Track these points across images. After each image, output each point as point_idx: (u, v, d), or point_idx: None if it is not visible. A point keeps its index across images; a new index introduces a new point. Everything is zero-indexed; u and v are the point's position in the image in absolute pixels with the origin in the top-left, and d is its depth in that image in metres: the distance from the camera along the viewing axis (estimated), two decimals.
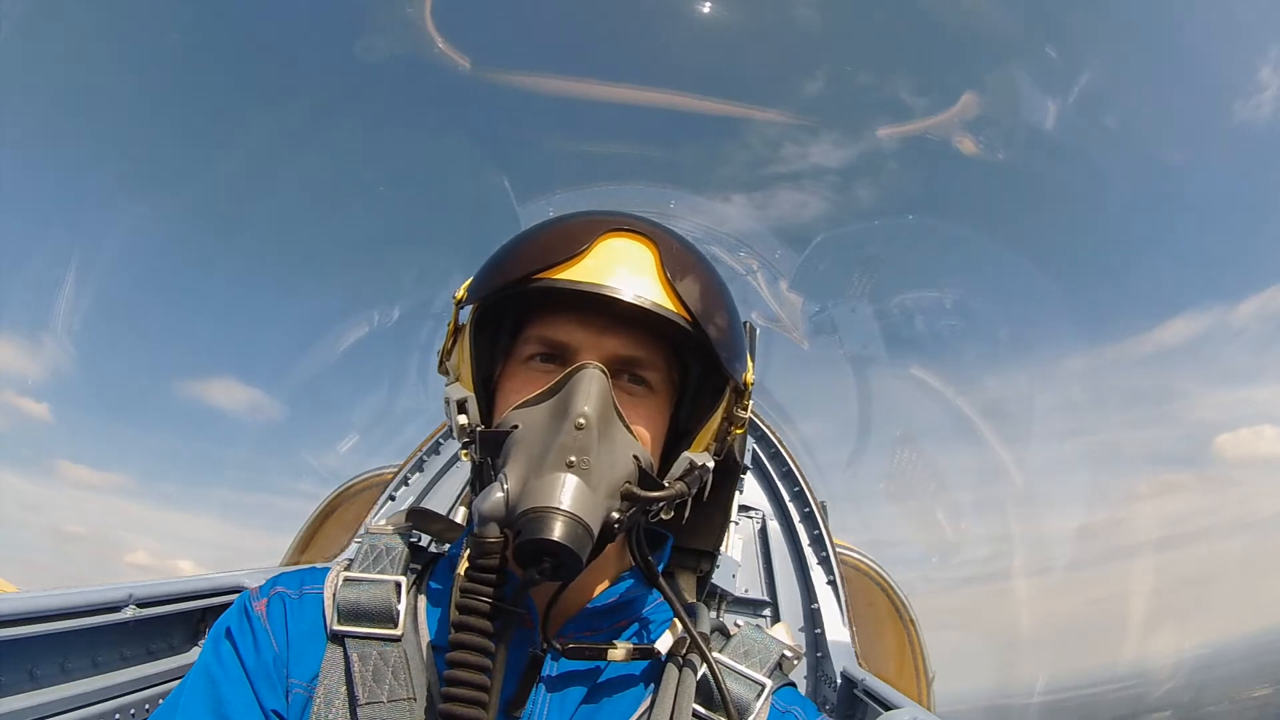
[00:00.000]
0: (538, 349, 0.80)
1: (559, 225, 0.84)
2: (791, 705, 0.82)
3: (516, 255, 0.82)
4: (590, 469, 0.69)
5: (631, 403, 0.78)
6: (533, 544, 0.65)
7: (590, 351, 0.77)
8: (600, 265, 0.78)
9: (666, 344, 0.82)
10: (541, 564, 0.66)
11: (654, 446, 0.81)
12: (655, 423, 0.81)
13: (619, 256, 0.79)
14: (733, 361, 0.82)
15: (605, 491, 0.71)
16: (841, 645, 4.47)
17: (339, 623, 0.76)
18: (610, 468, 0.72)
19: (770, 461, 5.41)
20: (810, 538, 5.09)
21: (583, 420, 0.69)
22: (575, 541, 0.65)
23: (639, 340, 0.79)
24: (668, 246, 0.81)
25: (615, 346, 0.78)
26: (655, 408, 0.81)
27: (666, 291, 0.78)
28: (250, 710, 0.73)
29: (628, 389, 0.79)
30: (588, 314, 0.78)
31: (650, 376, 0.81)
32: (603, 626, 0.81)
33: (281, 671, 0.75)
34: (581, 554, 0.66)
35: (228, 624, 0.79)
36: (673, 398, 0.85)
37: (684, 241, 0.86)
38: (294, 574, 0.84)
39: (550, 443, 0.70)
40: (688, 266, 0.81)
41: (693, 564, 0.99)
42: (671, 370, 0.84)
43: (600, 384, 0.73)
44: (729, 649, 0.83)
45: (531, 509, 0.67)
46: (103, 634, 2.38)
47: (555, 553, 0.65)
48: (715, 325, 0.80)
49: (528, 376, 0.79)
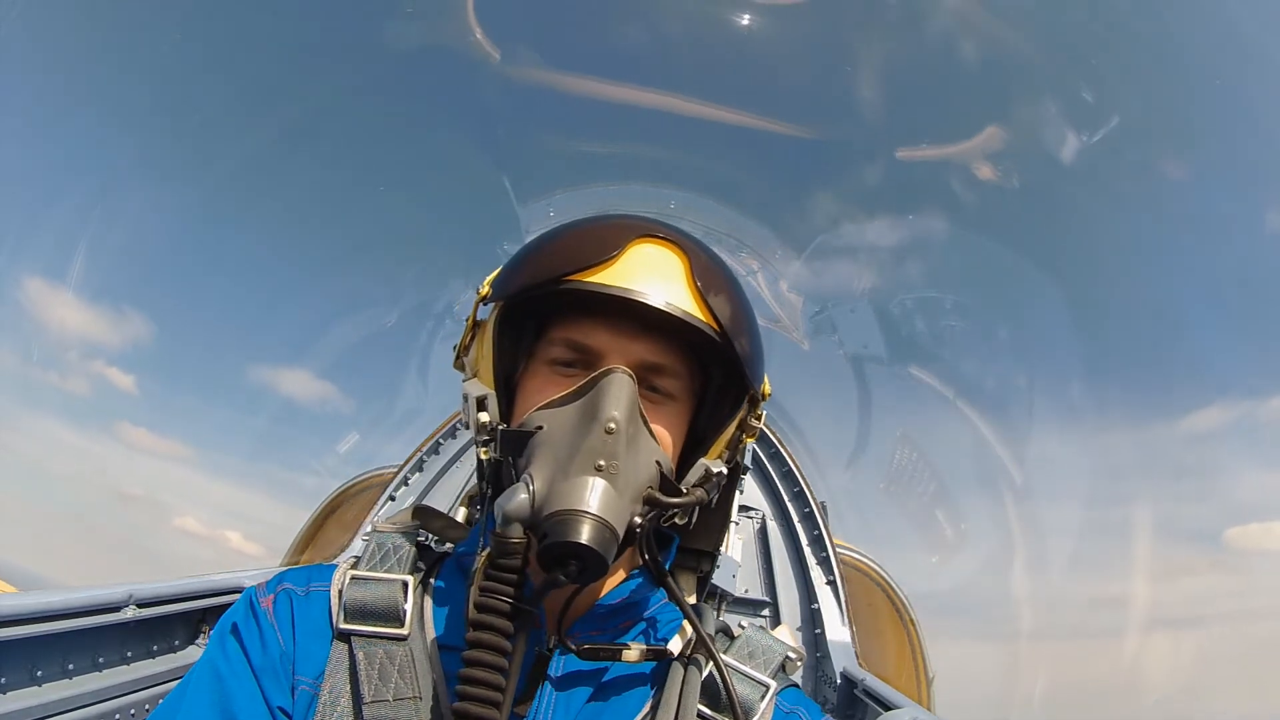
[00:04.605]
0: (563, 351, 0.80)
1: (590, 227, 0.84)
2: (795, 706, 0.83)
3: (547, 255, 0.82)
4: (618, 474, 0.69)
5: (653, 409, 0.78)
6: (560, 547, 0.65)
7: (617, 356, 0.77)
8: (631, 270, 0.78)
9: (690, 352, 0.83)
10: (568, 567, 0.66)
11: (673, 452, 0.81)
12: (675, 429, 0.82)
13: (650, 263, 0.79)
14: (755, 371, 0.83)
15: (630, 496, 0.71)
16: (841, 645, 4.47)
17: (345, 621, 0.76)
18: (636, 473, 0.72)
19: (770, 461, 5.41)
20: (810, 538, 5.10)
21: (613, 425, 0.69)
22: (603, 545, 0.65)
23: (665, 347, 0.80)
24: (697, 257, 0.82)
25: (642, 353, 0.78)
26: (676, 414, 0.82)
27: (696, 300, 0.78)
28: (256, 706, 0.73)
29: (651, 395, 0.79)
30: (616, 319, 0.79)
31: (672, 384, 0.81)
32: (610, 626, 0.81)
33: (287, 668, 0.75)
34: (608, 558, 0.66)
35: (234, 619, 0.79)
36: (692, 405, 0.85)
37: (711, 253, 0.86)
38: (301, 571, 0.84)
39: (578, 445, 0.70)
40: (717, 277, 0.82)
41: (693, 564, 0.98)
42: (693, 378, 0.84)
43: (630, 389, 0.73)
44: (733, 650, 0.84)
45: (559, 511, 0.66)
46: (104, 634, 2.39)
47: (582, 556, 0.65)
48: (742, 337, 0.80)
49: (550, 378, 0.79)
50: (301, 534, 5.78)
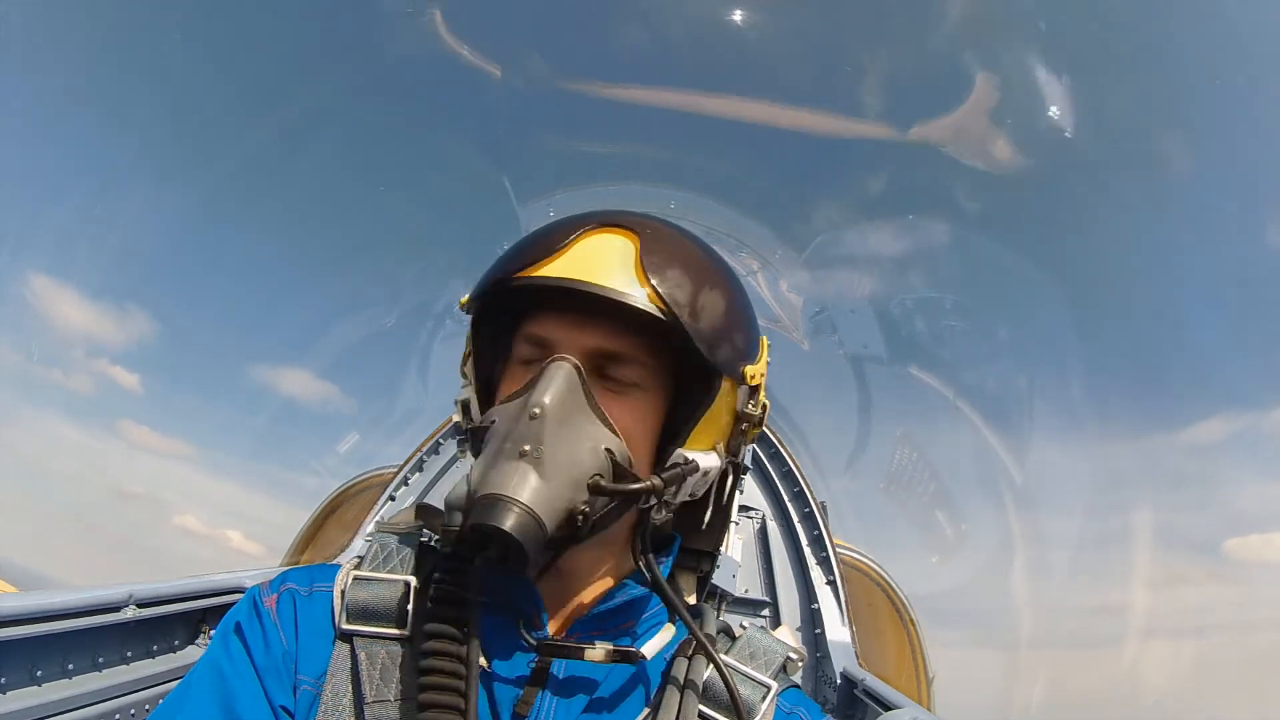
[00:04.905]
0: (526, 348, 0.80)
1: (551, 224, 0.83)
2: (796, 706, 0.83)
3: (507, 257, 0.82)
4: (543, 458, 0.69)
5: (613, 398, 0.77)
6: (475, 529, 0.66)
7: (566, 346, 0.77)
8: (575, 260, 0.77)
9: (656, 339, 0.79)
10: (488, 550, 0.67)
11: (643, 444, 0.79)
12: (642, 419, 0.79)
13: (597, 251, 0.78)
14: (718, 352, 0.78)
15: (563, 482, 0.70)
16: (841, 645, 4.47)
17: (348, 621, 0.76)
18: (570, 458, 0.71)
19: (770, 461, 5.41)
20: (810, 538, 5.10)
21: (537, 409, 0.70)
22: (520, 528, 0.65)
23: (619, 334, 0.77)
24: (653, 238, 0.79)
25: (592, 340, 0.77)
26: (643, 403, 0.79)
27: (640, 281, 0.76)
28: (258, 705, 0.73)
29: (611, 385, 0.78)
30: (566, 310, 0.78)
31: (634, 372, 0.79)
32: (610, 627, 0.81)
33: (290, 668, 0.76)
34: (527, 542, 0.65)
35: (238, 619, 0.79)
36: (666, 393, 0.82)
37: (681, 233, 0.83)
38: (304, 571, 0.84)
39: (509, 433, 0.71)
40: (672, 256, 0.79)
41: (693, 564, 0.98)
42: (662, 365, 0.81)
43: (565, 374, 0.73)
44: (734, 651, 0.83)
45: (481, 496, 0.68)
46: (104, 634, 2.39)
47: (499, 538, 0.65)
48: (694, 313, 0.76)
49: (518, 375, 0.80)
50: (301, 534, 5.78)
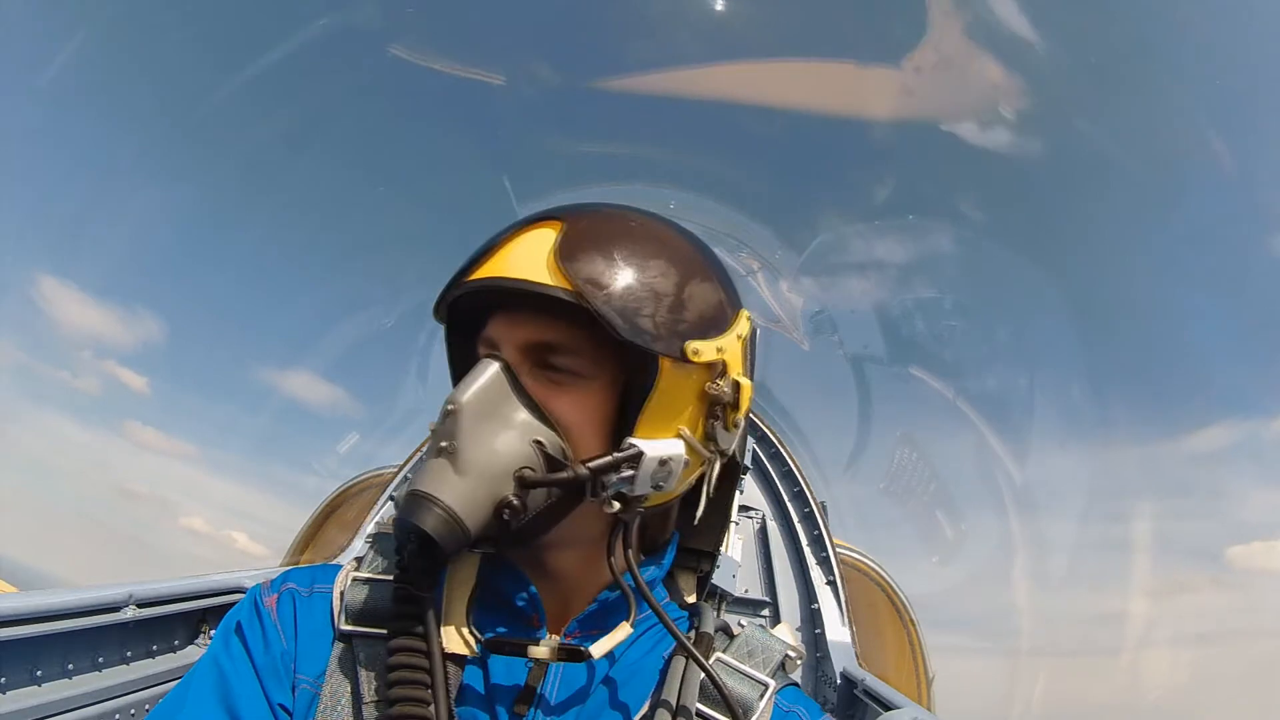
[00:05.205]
0: (483, 348, 0.80)
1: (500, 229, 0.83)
2: (794, 705, 0.82)
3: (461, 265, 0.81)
4: (457, 453, 0.70)
5: (556, 389, 0.76)
6: (396, 525, 0.69)
7: (505, 343, 0.77)
8: (500, 258, 0.77)
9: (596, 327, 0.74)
10: (409, 543, 0.69)
11: (590, 434, 0.77)
12: (584, 408, 0.77)
13: (519, 245, 0.77)
14: (635, 327, 0.73)
15: (480, 475, 0.70)
16: (841, 645, 4.48)
17: (347, 622, 0.76)
18: (489, 451, 0.71)
19: (770, 461, 5.42)
20: (810, 538, 5.10)
21: (452, 406, 0.71)
22: (433, 524, 0.67)
23: (551, 324, 0.76)
24: (578, 225, 0.77)
25: (524, 334, 0.77)
26: (587, 392, 0.77)
27: (551, 268, 0.74)
28: (258, 704, 0.73)
29: (554, 375, 0.77)
30: (506, 309, 0.78)
31: (573, 361, 0.77)
32: (607, 625, 0.81)
33: (289, 667, 0.76)
34: (437, 533, 0.67)
35: (238, 618, 0.80)
36: (614, 382, 0.79)
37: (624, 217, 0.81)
38: (305, 571, 0.84)
39: (435, 431, 0.73)
40: (595, 239, 0.76)
41: (693, 564, 0.98)
42: (609, 354, 0.78)
43: (488, 372, 0.73)
44: (733, 649, 0.83)
45: (408, 493, 0.70)
46: (104, 634, 2.39)
47: (416, 533, 0.67)
48: (606, 290, 0.73)
49: None
50: (301, 534, 5.78)
